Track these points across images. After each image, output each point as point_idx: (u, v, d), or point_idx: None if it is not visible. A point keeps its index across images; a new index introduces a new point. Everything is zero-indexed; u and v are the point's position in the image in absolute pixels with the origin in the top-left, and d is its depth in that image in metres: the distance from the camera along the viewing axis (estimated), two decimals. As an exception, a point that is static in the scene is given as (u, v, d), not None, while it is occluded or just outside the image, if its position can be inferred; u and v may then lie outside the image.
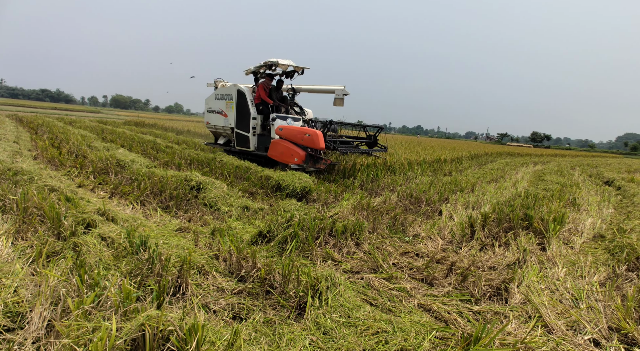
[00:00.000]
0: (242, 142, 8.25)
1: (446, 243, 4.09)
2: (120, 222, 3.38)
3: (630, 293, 2.54)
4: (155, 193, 4.59)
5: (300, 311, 2.30)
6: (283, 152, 6.93)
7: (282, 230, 3.55)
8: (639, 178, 11.57)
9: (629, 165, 20.22)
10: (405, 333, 2.03)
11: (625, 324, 2.28)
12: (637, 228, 4.38)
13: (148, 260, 2.32)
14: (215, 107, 8.84)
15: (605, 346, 2.15)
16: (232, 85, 8.34)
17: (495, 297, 2.77)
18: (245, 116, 8.01)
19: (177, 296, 2.26)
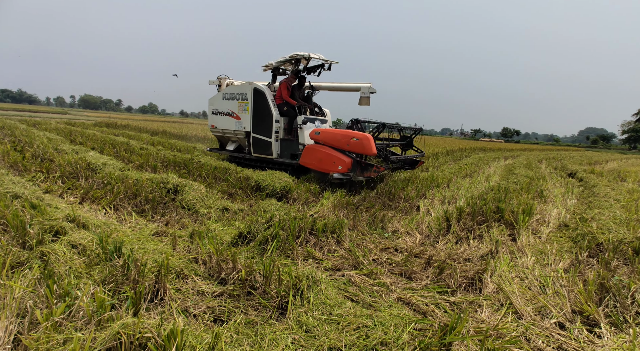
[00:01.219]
0: (261, 149, 7.13)
1: (424, 237, 4.22)
2: (92, 228, 3.25)
3: (590, 278, 2.73)
4: (129, 197, 4.43)
5: (282, 310, 2.31)
6: (322, 159, 5.91)
7: (263, 230, 3.53)
8: (598, 169, 12.37)
9: (589, 158, 21.54)
10: (385, 327, 2.09)
11: (587, 307, 2.45)
12: (597, 216, 4.68)
13: (123, 266, 2.25)
14: (223, 109, 7.65)
15: (570, 328, 2.30)
16: (245, 83, 7.27)
17: (470, 287, 2.90)
18: (265, 119, 6.93)
19: (155, 301, 2.21)
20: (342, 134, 5.88)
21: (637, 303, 2.49)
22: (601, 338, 2.20)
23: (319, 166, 6.03)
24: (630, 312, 2.43)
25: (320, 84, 8.04)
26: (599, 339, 2.18)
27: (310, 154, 6.15)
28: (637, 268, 3.00)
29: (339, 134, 5.93)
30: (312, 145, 6.23)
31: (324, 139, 6.08)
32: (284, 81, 7.19)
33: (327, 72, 7.52)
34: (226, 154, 8.19)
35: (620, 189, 7.44)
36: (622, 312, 2.43)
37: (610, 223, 4.30)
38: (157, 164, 6.91)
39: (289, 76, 7.30)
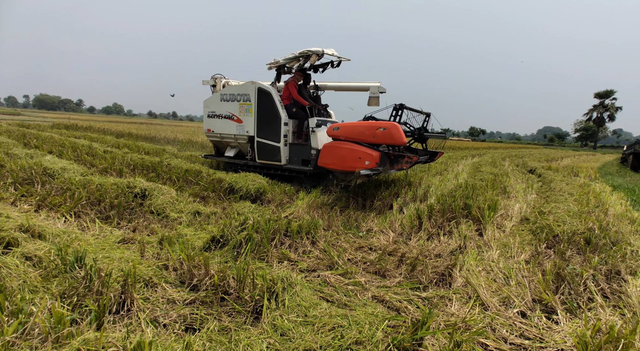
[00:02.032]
0: (267, 155, 6.50)
1: (397, 235, 4.33)
2: (50, 238, 3.03)
3: (548, 268, 2.92)
4: (92, 203, 4.18)
5: (257, 315, 2.28)
6: (345, 156, 5.32)
7: (236, 234, 3.47)
8: (554, 166, 13.28)
9: (547, 154, 23.12)
10: (360, 326, 2.12)
11: (545, 295, 2.62)
12: (553, 210, 5.03)
13: (85, 278, 2.12)
14: (221, 111, 6.90)
15: (530, 317, 2.45)
16: (247, 83, 6.58)
17: (441, 282, 3.01)
18: (272, 122, 6.30)
19: (121, 313, 2.10)
20: (366, 125, 5.36)
21: (589, 290, 2.70)
22: (558, 324, 2.36)
23: (342, 164, 5.40)
24: (583, 298, 2.63)
25: (326, 83, 7.41)
26: (556, 325, 2.34)
27: (330, 153, 5.50)
28: (588, 257, 3.25)
29: (362, 125, 5.39)
30: (331, 142, 5.61)
31: (345, 134, 5.48)
32: (291, 79, 6.60)
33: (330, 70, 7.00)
34: (224, 160, 7.40)
35: (574, 184, 8.04)
36: (576, 299, 2.63)
37: (565, 215, 4.63)
38: (123, 168, 6.57)
39: (295, 74, 6.66)
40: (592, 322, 2.20)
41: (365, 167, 5.17)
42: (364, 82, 6.98)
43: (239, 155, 7.32)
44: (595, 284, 2.78)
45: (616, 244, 3.51)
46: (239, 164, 7.10)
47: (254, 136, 6.58)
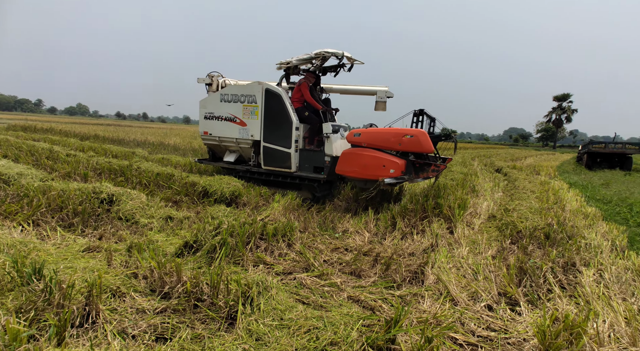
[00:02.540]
0: (275, 161, 5.99)
1: (372, 235, 4.41)
2: (5, 249, 2.82)
3: (512, 263, 3.10)
4: (53, 210, 3.94)
5: (232, 320, 2.24)
6: (367, 164, 5.11)
7: (210, 238, 3.39)
8: (519, 165, 14.07)
9: (512, 154, 24.42)
10: (335, 327, 2.14)
11: (509, 288, 2.78)
12: (517, 207, 5.33)
13: (44, 290, 1.99)
14: (221, 113, 6.32)
15: (496, 309, 2.58)
16: (253, 83, 6.09)
17: (414, 280, 3.10)
18: (282, 126, 5.86)
19: (85, 326, 2.00)
20: (392, 132, 5.19)
21: (548, 282, 2.89)
22: (521, 315, 2.51)
23: (364, 173, 5.18)
24: (542, 290, 2.81)
25: (332, 86, 7.02)
26: (519, 316, 2.49)
27: (350, 160, 5.27)
28: (547, 250, 3.48)
29: (387, 132, 5.23)
30: (351, 149, 5.35)
31: (368, 141, 5.25)
32: (303, 81, 6.10)
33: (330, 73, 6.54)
34: (222, 166, 6.68)
35: (535, 182, 8.55)
36: (536, 290, 2.80)
37: (527, 212, 4.92)
38: (89, 172, 6.24)
39: (307, 75, 6.19)
40: (551, 312, 2.35)
41: (390, 176, 4.99)
42: (371, 86, 6.66)
43: (238, 160, 6.74)
44: (553, 276, 2.97)
45: (572, 238, 3.78)
46: (239, 171, 6.45)
47: (260, 140, 6.04)
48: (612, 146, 16.15)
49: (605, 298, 2.55)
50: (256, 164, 6.36)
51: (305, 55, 5.94)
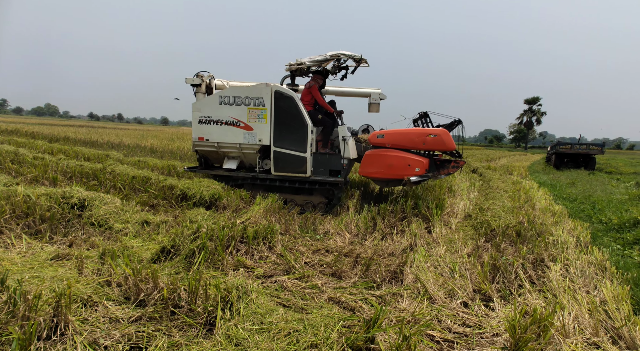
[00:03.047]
0: (288, 166, 5.76)
1: (353, 236, 4.46)
2: (-36, 259, 2.65)
3: (486, 260, 3.22)
4: (18, 217, 3.72)
5: (211, 326, 2.20)
6: (393, 164, 5.32)
7: (189, 243, 3.32)
8: (493, 165, 14.64)
9: (487, 155, 25.31)
10: (316, 329, 2.15)
11: (483, 285, 2.89)
12: (491, 206, 5.54)
13: (7, 302, 1.89)
14: (220, 116, 5.76)
15: (471, 306, 2.67)
16: (261, 84, 5.75)
17: (393, 280, 3.16)
18: (296, 130, 5.67)
19: (53, 338, 1.90)
20: (416, 132, 5.41)
21: (519, 277, 3.03)
22: (494, 310, 2.61)
23: (389, 173, 5.39)
24: (514, 285, 2.94)
25: (327, 88, 6.92)
26: (493, 312, 2.59)
27: (374, 162, 5.45)
28: (518, 248, 3.64)
29: (412, 133, 5.43)
30: (375, 151, 5.51)
31: (392, 141, 5.44)
32: (314, 83, 6.01)
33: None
34: (221, 174, 6.03)
35: (508, 182, 8.92)
36: (508, 286, 2.93)
37: (501, 211, 5.13)
38: (58, 176, 5.95)
39: (316, 77, 6.09)
40: (520, 307, 2.46)
41: (416, 174, 5.25)
42: (365, 89, 6.69)
43: (243, 167, 6.27)
44: (524, 272, 3.12)
45: (541, 235, 3.97)
46: (241, 178, 5.97)
47: (270, 145, 5.72)
48: (577, 147, 17.09)
49: (571, 291, 2.69)
50: (263, 170, 5.98)
51: (320, 57, 5.83)
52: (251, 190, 5.93)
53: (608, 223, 5.14)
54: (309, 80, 6.18)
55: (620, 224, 4.91)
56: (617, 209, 5.98)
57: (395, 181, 5.56)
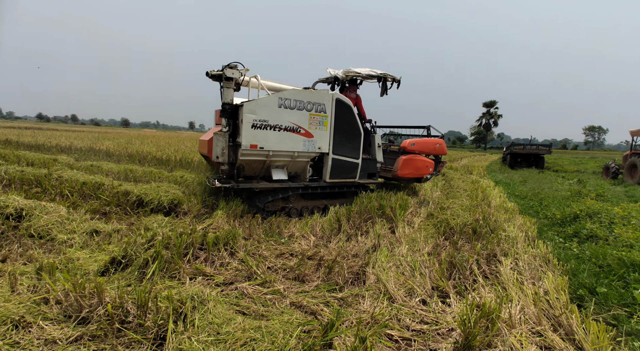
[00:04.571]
0: (343, 173, 5.90)
1: (318, 238, 4.44)
2: None
3: (443, 258, 3.34)
4: (-60, 230, 3.30)
5: (162, 340, 2.07)
6: (419, 166, 6.97)
7: (142, 252, 3.12)
8: (455, 165, 15.38)
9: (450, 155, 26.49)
10: (274, 336, 2.10)
11: (441, 282, 2.99)
12: (451, 205, 5.79)
13: None
14: (280, 122, 5.11)
15: (429, 303, 2.75)
16: (323, 91, 5.58)
17: (356, 281, 3.17)
18: (352, 137, 5.90)
19: (-27, 368, 1.69)
20: (432, 142, 7.33)
21: (473, 273, 3.17)
22: (450, 306, 2.71)
23: (417, 173, 7.01)
24: (469, 281, 3.08)
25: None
26: (449, 307, 2.68)
27: (408, 165, 6.91)
28: (474, 244, 3.82)
29: (429, 142, 7.30)
30: (409, 156, 6.94)
31: (420, 149, 7.13)
32: (358, 94, 6.59)
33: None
34: (270, 187, 5.32)
35: (468, 181, 9.41)
36: (464, 282, 3.05)
37: (459, 210, 5.37)
38: (-7, 183, 5.37)
39: (354, 88, 6.62)
40: (473, 301, 2.57)
41: (430, 173, 7.22)
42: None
43: (297, 177, 5.94)
44: (478, 267, 3.27)
45: (494, 232, 4.20)
46: (293, 188, 5.53)
47: (329, 152, 5.65)
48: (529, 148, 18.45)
49: (519, 283, 2.86)
50: (314, 178, 5.90)
51: (372, 72, 6.44)
52: (294, 202, 5.69)
53: (552, 217, 5.57)
54: (348, 90, 6.61)
55: (562, 219, 5.34)
56: (560, 204, 6.50)
57: (417, 179, 7.27)
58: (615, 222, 4.87)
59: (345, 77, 6.46)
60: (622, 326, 2.35)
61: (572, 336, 2.22)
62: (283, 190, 5.44)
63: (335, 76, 6.59)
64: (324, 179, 5.76)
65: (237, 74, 5.02)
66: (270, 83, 6.09)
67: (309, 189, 5.65)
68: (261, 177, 5.61)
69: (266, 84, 5.97)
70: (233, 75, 4.95)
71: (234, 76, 4.96)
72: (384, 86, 6.63)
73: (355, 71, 6.36)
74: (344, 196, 6.29)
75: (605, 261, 3.40)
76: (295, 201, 5.69)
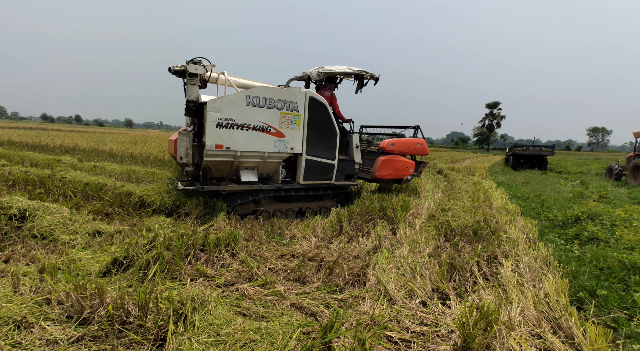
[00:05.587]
0: (317, 174, 5.66)
1: (319, 240, 4.45)
2: None
3: (444, 259, 3.33)
4: (-56, 231, 3.34)
5: (162, 341, 2.09)
6: (399, 167, 6.70)
7: (144, 253, 3.14)
8: (457, 166, 15.34)
9: (453, 156, 26.53)
10: (273, 337, 2.11)
11: (441, 284, 2.98)
12: (452, 207, 5.78)
13: None
14: (248, 120, 4.84)
15: (429, 305, 2.75)
16: (295, 89, 5.38)
17: (356, 283, 3.18)
18: (327, 137, 5.63)
19: (-24, 367, 1.71)
20: (413, 142, 6.99)
21: (474, 275, 3.17)
22: (450, 308, 2.71)
23: (396, 175, 6.71)
24: (469, 283, 3.07)
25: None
26: (449, 309, 2.68)
27: (387, 166, 6.59)
28: (475, 246, 3.81)
29: (410, 142, 6.95)
30: (388, 157, 6.61)
31: (399, 149, 6.77)
32: (333, 93, 6.26)
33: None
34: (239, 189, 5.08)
35: (470, 183, 9.38)
36: (464, 284, 3.05)
37: (460, 211, 5.36)
38: (-3, 184, 5.43)
39: (331, 87, 6.31)
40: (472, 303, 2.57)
41: (410, 174, 6.92)
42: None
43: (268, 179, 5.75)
44: (478, 269, 3.27)
45: (495, 233, 4.19)
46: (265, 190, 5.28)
47: (302, 153, 5.41)
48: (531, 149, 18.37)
49: (519, 286, 2.86)
50: (287, 180, 5.67)
51: (348, 69, 6.10)
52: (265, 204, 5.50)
53: (554, 219, 5.55)
54: (324, 89, 6.30)
55: (564, 221, 5.32)
56: (562, 206, 6.47)
57: (396, 180, 6.97)
58: (617, 224, 4.84)
59: (318, 76, 6.18)
60: (622, 328, 2.34)
61: (571, 338, 2.21)
62: (253, 192, 5.23)
63: (309, 75, 6.35)
64: (298, 180, 5.52)
65: (202, 70, 4.72)
66: (240, 80, 5.74)
67: (281, 191, 5.41)
68: (230, 178, 5.43)
69: (235, 81, 5.62)
70: (197, 71, 4.67)
71: (198, 71, 4.68)
72: (360, 83, 6.40)
73: (330, 68, 6.07)
74: (321, 198, 6.07)
75: (606, 263, 3.39)
76: (267, 203, 5.51)
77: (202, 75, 4.75)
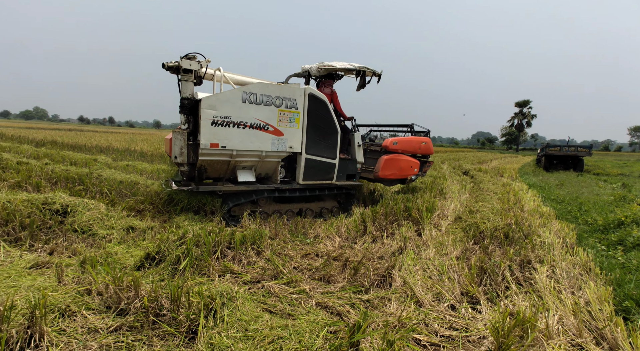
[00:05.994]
0: (318, 174, 5.47)
1: (343, 240, 4.43)
2: (-63, 268, 2.55)
3: (473, 262, 3.22)
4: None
5: (193, 335, 2.15)
6: (403, 167, 6.40)
7: (174, 249, 3.26)
8: (484, 167, 14.79)
9: (479, 157, 25.63)
10: (301, 335, 2.12)
11: (470, 288, 2.88)
12: (480, 208, 5.57)
13: (-22, 314, 1.82)
14: (244, 118, 4.69)
15: (459, 309, 2.67)
16: (294, 85, 5.18)
17: (382, 284, 3.14)
18: (328, 136, 5.44)
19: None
20: (417, 140, 6.73)
21: (506, 279, 3.04)
22: (481, 313, 2.61)
23: (400, 174, 6.41)
24: (501, 287, 2.95)
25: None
26: (479, 314, 2.59)
27: (391, 165, 6.28)
28: (506, 249, 3.66)
29: (414, 141, 6.70)
30: (392, 156, 6.29)
31: (403, 148, 6.51)
32: (334, 90, 6.01)
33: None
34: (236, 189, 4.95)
35: (498, 184, 9.02)
36: (495, 289, 2.93)
37: (489, 213, 5.16)
38: (42, 182, 5.82)
39: (330, 83, 6.05)
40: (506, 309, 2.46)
41: (415, 174, 6.62)
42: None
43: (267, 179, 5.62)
44: (510, 273, 3.13)
45: (528, 237, 4.00)
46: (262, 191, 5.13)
47: (301, 152, 5.22)
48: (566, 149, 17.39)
49: (556, 292, 2.71)
50: (286, 180, 5.52)
51: (349, 65, 5.83)
52: (264, 205, 5.36)
53: (593, 224, 5.21)
54: (323, 85, 6.04)
55: (605, 225, 4.99)
56: (602, 210, 6.07)
57: (400, 180, 6.67)
58: (667, 229, 4.48)
59: (318, 72, 5.95)
60: (676, 343, 2.16)
61: (616, 350, 2.07)
62: (250, 193, 5.06)
63: (309, 71, 6.11)
64: (297, 180, 5.31)
65: (197, 65, 4.55)
66: (236, 77, 5.54)
67: (279, 191, 5.21)
68: (227, 178, 5.28)
69: (231, 77, 5.41)
70: (191, 67, 4.50)
71: (193, 67, 4.51)
72: (362, 80, 6.10)
73: (330, 64, 5.81)
74: (322, 199, 5.88)
75: (655, 271, 3.14)
76: (266, 204, 5.37)
77: (197, 71, 4.62)
